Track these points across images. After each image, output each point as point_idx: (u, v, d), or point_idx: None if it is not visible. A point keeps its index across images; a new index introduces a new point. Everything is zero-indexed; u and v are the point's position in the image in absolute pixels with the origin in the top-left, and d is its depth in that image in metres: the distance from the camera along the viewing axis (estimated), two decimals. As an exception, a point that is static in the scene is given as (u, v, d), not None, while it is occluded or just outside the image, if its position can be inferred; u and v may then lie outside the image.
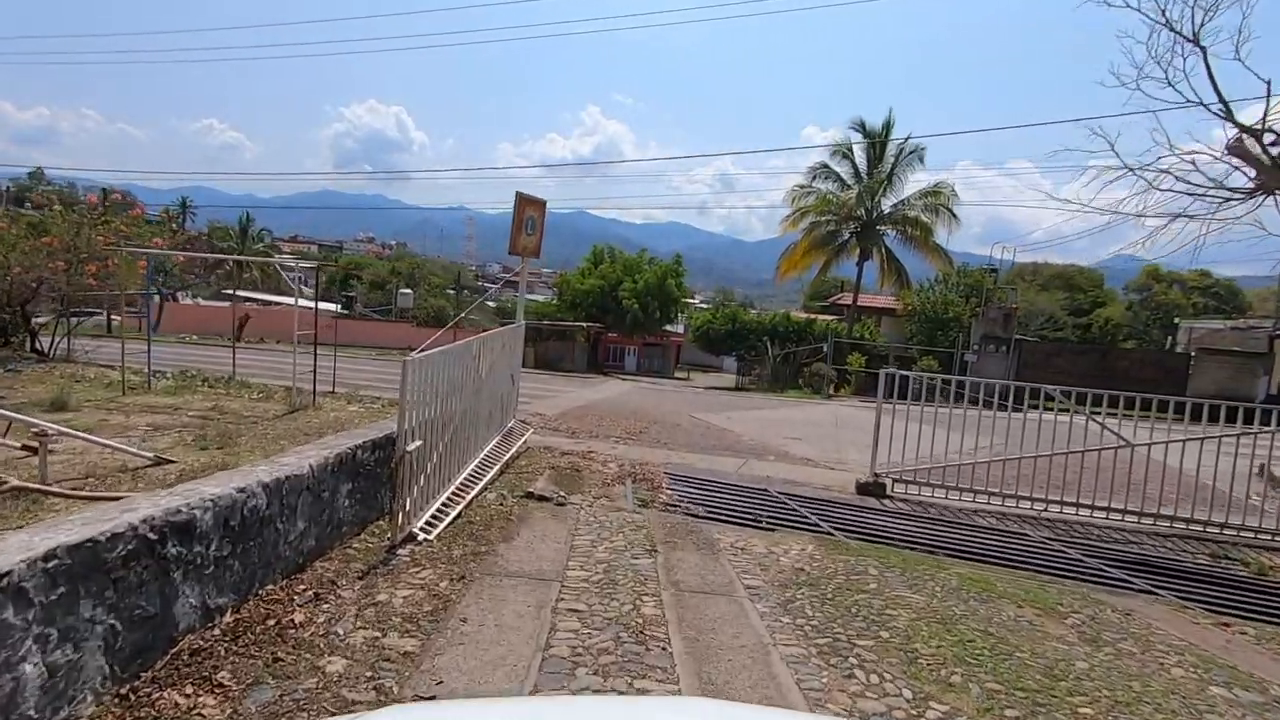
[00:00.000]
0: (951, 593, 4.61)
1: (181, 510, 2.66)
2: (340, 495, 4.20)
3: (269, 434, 6.58)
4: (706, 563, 4.83)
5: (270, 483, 3.31)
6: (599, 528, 5.47)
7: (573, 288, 31.18)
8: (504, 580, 4.07)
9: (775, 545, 5.49)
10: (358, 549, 4.34)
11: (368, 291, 41.70)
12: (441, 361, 5.10)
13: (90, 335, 12.69)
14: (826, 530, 6.16)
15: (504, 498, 6.00)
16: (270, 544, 3.35)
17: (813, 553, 5.35)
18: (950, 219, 26.82)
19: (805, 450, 10.15)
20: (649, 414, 12.74)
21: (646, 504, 6.44)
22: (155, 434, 6.27)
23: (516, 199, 8.21)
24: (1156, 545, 6.67)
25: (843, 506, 7.03)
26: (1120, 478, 7.04)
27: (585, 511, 5.93)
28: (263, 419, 7.32)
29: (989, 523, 6.98)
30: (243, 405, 8.05)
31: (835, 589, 4.46)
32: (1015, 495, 7.27)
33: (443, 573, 4.06)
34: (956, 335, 21.37)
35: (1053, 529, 6.91)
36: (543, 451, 8.14)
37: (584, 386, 17.82)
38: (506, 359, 7.76)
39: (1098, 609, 4.68)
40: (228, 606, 2.99)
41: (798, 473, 8.52)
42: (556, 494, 6.25)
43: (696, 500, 6.76)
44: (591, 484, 6.93)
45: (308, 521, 3.75)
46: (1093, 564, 5.93)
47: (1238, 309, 36.44)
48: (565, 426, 10.54)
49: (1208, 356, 17.90)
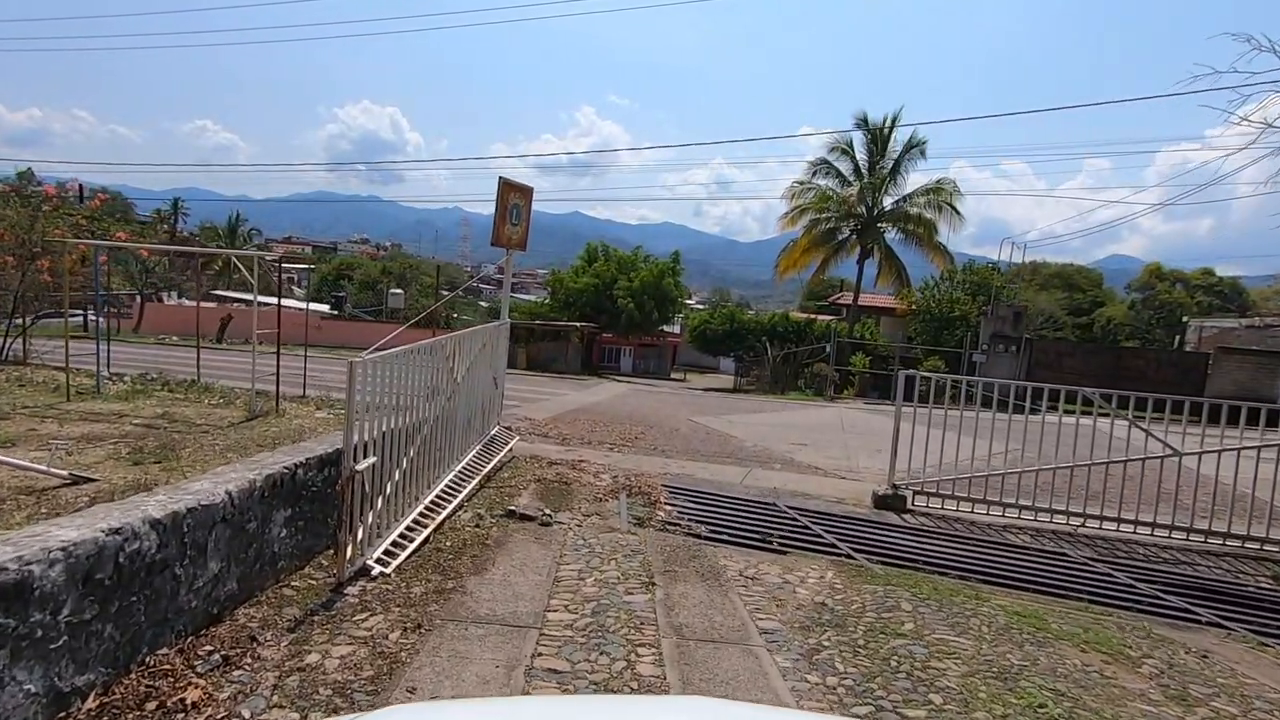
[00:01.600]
0: (1001, 634, 3.93)
1: (8, 568, 1.95)
2: (274, 525, 3.49)
3: (217, 445, 5.85)
4: (713, 598, 4.13)
5: (164, 518, 2.60)
6: (588, 553, 4.77)
7: (566, 286, 30.43)
8: (470, 629, 3.36)
9: (790, 572, 4.80)
10: (297, 589, 3.62)
11: (358, 292, 40.86)
12: (404, 362, 4.39)
13: (49, 336, 11.93)
14: (845, 552, 5.47)
15: (481, 518, 5.28)
16: (165, 595, 2.64)
17: (833, 581, 4.66)
18: (953, 216, 26.21)
19: (813, 457, 9.46)
20: (645, 418, 12.04)
21: (643, 522, 5.74)
22: (87, 446, 5.54)
23: (500, 185, 7.49)
24: (1210, 566, 6.00)
25: (860, 523, 6.34)
26: (1158, 488, 6.38)
27: (573, 533, 5.23)
28: (216, 428, 6.59)
29: (1022, 540, 6.30)
30: (198, 412, 7.31)
31: (866, 632, 3.76)
32: (1049, 509, 6.59)
33: (396, 619, 3.35)
34: (964, 334, 20.71)
35: (1093, 547, 6.23)
36: (529, 462, 7.42)
37: (577, 389, 17.11)
38: (488, 360, 7.05)
39: (1170, 651, 4.00)
40: (92, 686, 2.28)
41: (807, 483, 7.83)
42: (541, 512, 5.54)
43: (698, 516, 6.06)
44: (582, 499, 6.23)
45: (225, 561, 3.04)
46: (1145, 590, 5.25)
47: (1242, 307, 35.93)
48: (555, 432, 9.83)
49: (1226, 356, 17.29)
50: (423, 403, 4.96)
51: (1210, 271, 39.75)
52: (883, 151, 27.17)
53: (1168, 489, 6.40)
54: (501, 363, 7.83)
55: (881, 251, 27.45)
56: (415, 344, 4.66)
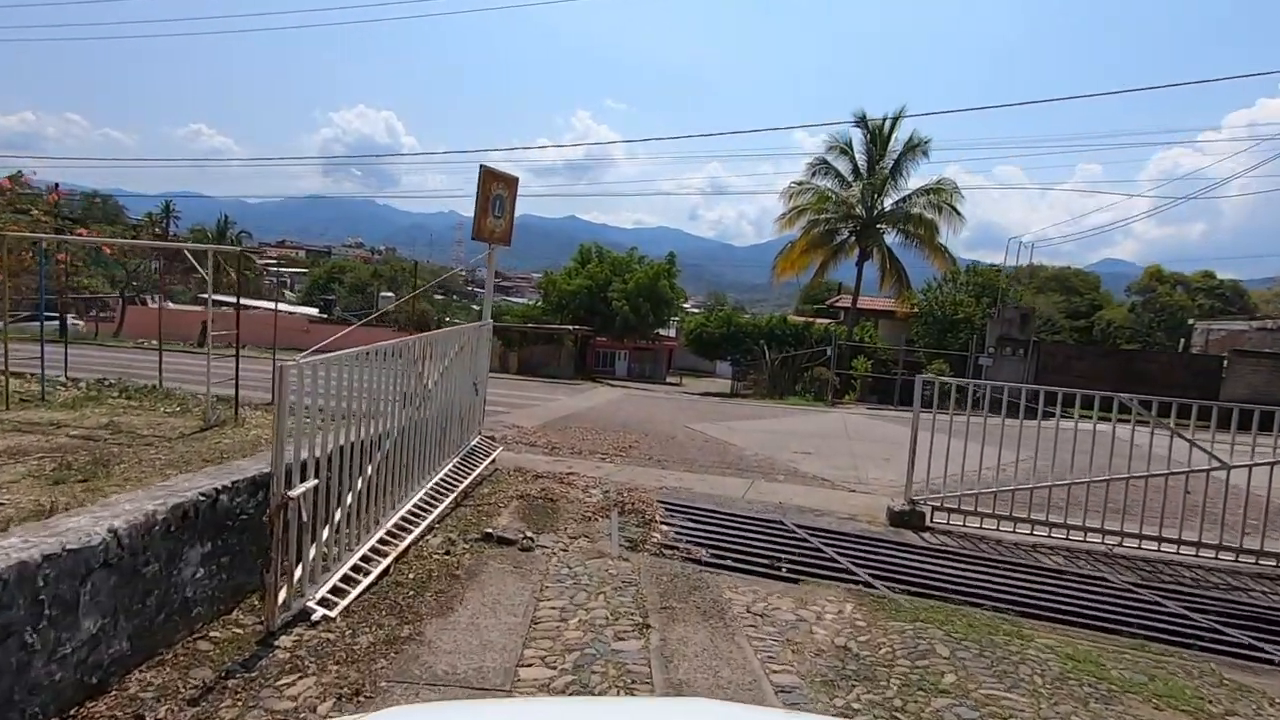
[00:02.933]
0: (1058, 686, 3.33)
1: None
2: (186, 565, 2.87)
3: (159, 460, 5.23)
4: (718, 643, 3.52)
5: (6, 571, 1.98)
6: (573, 586, 4.15)
7: (559, 288, 29.77)
8: (423, 692, 2.74)
9: (804, 606, 4.20)
10: (217, 641, 3.00)
11: (348, 295, 40.18)
12: (356, 366, 3.78)
13: (21, 340, 11.26)
14: (863, 580, 4.86)
15: (452, 543, 4.66)
16: (8, 671, 2.02)
17: (854, 617, 4.06)
18: (954, 217, 25.67)
19: (818, 467, 8.86)
20: (640, 425, 11.43)
21: (636, 545, 5.12)
22: (7, 462, 4.90)
23: (481, 174, 6.89)
24: (1265, 591, 5.41)
25: (876, 544, 5.73)
26: (1204, 504, 5.80)
27: (558, 559, 4.61)
28: (164, 439, 5.96)
29: (1055, 563, 5.70)
30: (148, 421, 6.70)
31: (902, 687, 3.16)
32: (1083, 527, 6.01)
33: (331, 682, 2.73)
34: (968, 337, 20.12)
35: (1134, 570, 5.63)
36: (513, 475, 6.80)
37: (570, 394, 16.49)
38: (466, 363, 6.43)
39: (1254, 704, 3.41)
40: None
41: (815, 497, 7.22)
42: (522, 535, 4.92)
43: (698, 537, 5.45)
44: (569, 518, 5.61)
45: (110, 616, 2.42)
46: (1201, 621, 4.66)
47: (1244, 310, 35.53)
48: (544, 441, 9.21)
49: (1241, 359, 16.78)
50: (389, 412, 4.35)
51: (1211, 274, 39.33)
52: (883, 151, 26.59)
53: (1201, 503, 5.84)
54: (483, 367, 7.21)
55: (881, 253, 26.88)
56: (371, 345, 4.05)
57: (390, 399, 4.50)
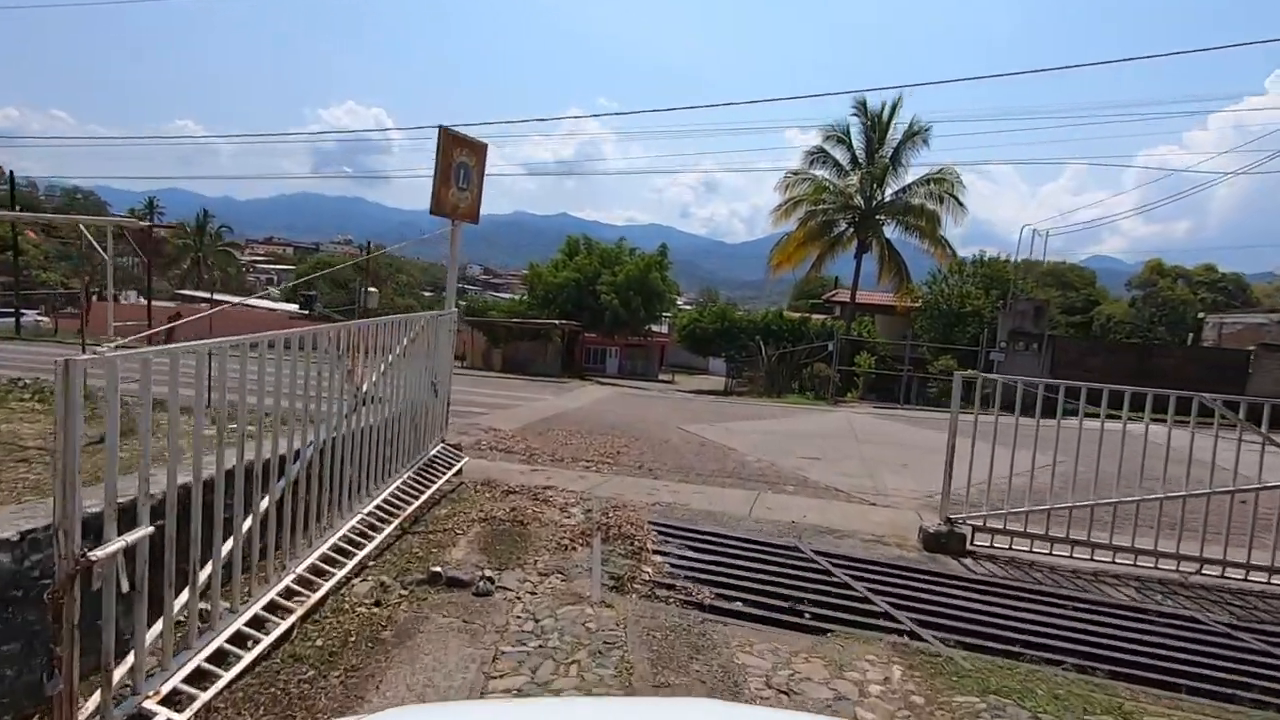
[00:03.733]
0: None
1: None
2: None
3: (24, 482, 4.20)
4: (733, 746, 2.53)
5: None
6: (539, 648, 3.16)
7: (545, 281, 28.64)
8: None
9: (840, 673, 3.22)
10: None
11: (330, 291, 38.95)
12: (217, 362, 2.77)
13: None
14: (908, 628, 3.88)
15: (385, 588, 3.65)
16: None
17: (908, 690, 3.09)
18: (955, 207, 24.79)
19: (829, 475, 7.89)
20: (630, 427, 10.43)
21: (623, 584, 4.13)
22: None
23: (440, 137, 5.86)
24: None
25: (913, 576, 4.75)
26: (1278, 522, 4.87)
27: (521, 607, 3.62)
28: (51, 450, 4.91)
29: (1125, 596, 4.75)
30: (42, 430, 5.66)
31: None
32: (1154, 552, 5.06)
33: None
34: (977, 331, 19.20)
35: (1223, 606, 4.68)
36: (479, 491, 5.79)
37: (556, 393, 15.47)
38: (422, 359, 5.41)
39: None
40: None
41: (831, 512, 6.25)
42: (478, 574, 3.92)
43: (699, 571, 4.47)
44: (541, 547, 4.61)
45: None
46: (1328, 678, 3.71)
47: (1246, 303, 34.88)
48: (523, 447, 8.20)
49: (1268, 353, 15.94)
50: (295, 425, 3.35)
51: (1213, 267, 38.64)
52: (882, 140, 25.66)
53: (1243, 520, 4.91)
54: (445, 363, 6.19)
55: (880, 246, 25.96)
56: (259, 334, 3.03)
57: (304, 404, 3.49)
